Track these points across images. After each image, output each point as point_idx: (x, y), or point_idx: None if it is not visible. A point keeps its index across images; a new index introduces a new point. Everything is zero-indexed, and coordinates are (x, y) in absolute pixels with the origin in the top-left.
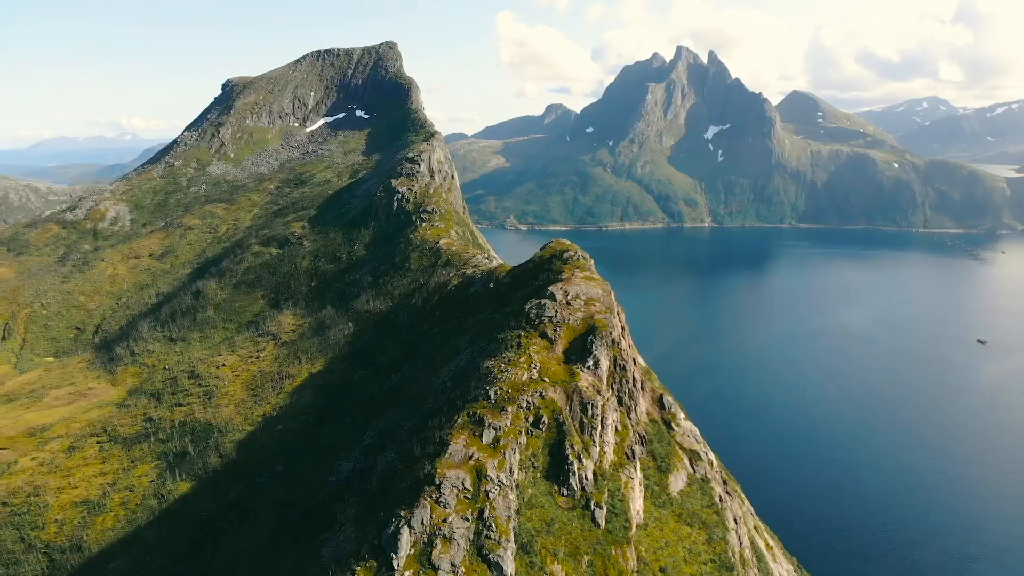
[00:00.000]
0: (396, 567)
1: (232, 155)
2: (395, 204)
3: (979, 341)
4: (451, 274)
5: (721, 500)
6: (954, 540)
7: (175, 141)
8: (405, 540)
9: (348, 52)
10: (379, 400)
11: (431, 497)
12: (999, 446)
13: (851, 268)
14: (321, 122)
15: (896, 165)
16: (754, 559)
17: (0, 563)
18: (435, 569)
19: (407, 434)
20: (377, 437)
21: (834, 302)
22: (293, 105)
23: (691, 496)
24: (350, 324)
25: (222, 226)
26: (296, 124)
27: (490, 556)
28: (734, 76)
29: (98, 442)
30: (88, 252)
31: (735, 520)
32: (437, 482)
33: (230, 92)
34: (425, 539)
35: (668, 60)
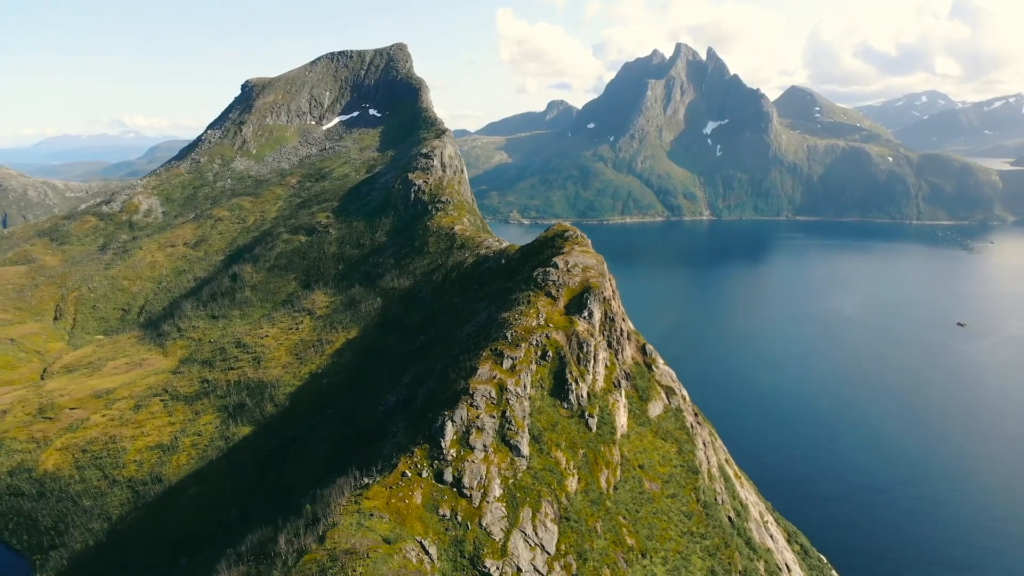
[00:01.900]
0: (443, 447)
1: (254, 152)
2: (412, 195)
3: (959, 324)
4: (466, 255)
5: (692, 427)
6: (923, 499)
7: (199, 138)
8: (449, 430)
9: (361, 54)
10: (412, 355)
11: (467, 402)
12: (969, 415)
13: (844, 258)
14: (336, 120)
15: (890, 159)
16: (721, 478)
17: (88, 496)
18: (471, 448)
19: (441, 370)
20: (415, 376)
21: (826, 290)
22: (310, 104)
23: (666, 420)
24: (378, 299)
25: (250, 217)
26: (313, 122)
27: (511, 441)
28: (733, 72)
29: (161, 400)
30: (127, 241)
31: (703, 443)
32: (471, 392)
33: (250, 92)
34: (464, 429)
35: (668, 57)
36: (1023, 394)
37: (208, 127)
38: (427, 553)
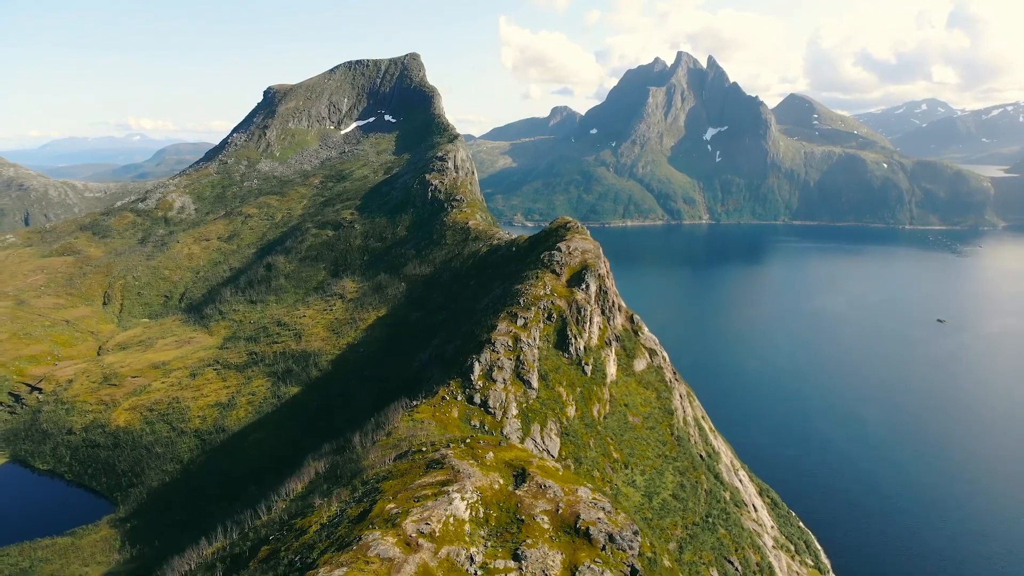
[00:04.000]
0: (473, 379)
1: (278, 154)
2: (429, 194)
3: (938, 320)
4: (480, 245)
5: (670, 381)
6: (897, 474)
7: (225, 141)
8: (477, 368)
9: (376, 63)
10: (437, 326)
11: (489, 349)
12: (940, 399)
13: (838, 261)
14: (354, 125)
15: (885, 165)
16: (696, 427)
17: (159, 445)
18: (494, 381)
19: (467, 330)
20: (444, 338)
21: (817, 289)
22: (329, 110)
23: (648, 374)
24: (402, 284)
25: (277, 214)
26: (332, 127)
27: (524, 377)
28: (733, 79)
29: (214, 369)
30: (164, 235)
31: (680, 396)
32: (492, 342)
33: (272, 98)
34: (488, 368)
35: (669, 64)
36: (991, 382)
37: (233, 130)
38: None
